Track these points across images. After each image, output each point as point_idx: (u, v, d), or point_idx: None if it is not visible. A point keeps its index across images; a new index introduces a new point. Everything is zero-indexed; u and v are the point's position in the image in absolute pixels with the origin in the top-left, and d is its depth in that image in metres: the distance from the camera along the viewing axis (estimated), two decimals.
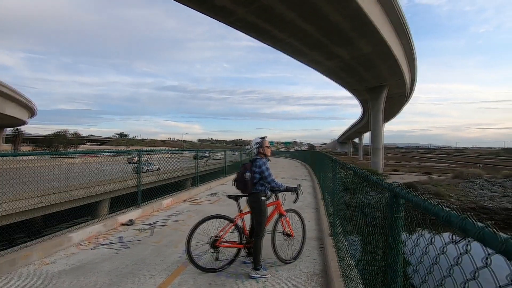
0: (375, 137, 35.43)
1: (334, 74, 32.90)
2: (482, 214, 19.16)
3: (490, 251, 0.64)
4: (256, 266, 3.39)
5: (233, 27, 21.59)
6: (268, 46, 25.22)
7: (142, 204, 6.36)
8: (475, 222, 0.71)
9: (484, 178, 26.23)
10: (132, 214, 5.85)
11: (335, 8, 18.05)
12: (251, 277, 3.36)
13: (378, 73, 30.54)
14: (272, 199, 3.87)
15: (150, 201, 6.74)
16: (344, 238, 3.52)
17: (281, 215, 3.89)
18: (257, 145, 3.63)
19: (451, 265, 0.80)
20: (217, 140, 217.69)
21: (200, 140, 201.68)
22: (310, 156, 22.39)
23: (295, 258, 3.92)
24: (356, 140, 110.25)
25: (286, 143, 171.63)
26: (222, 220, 3.68)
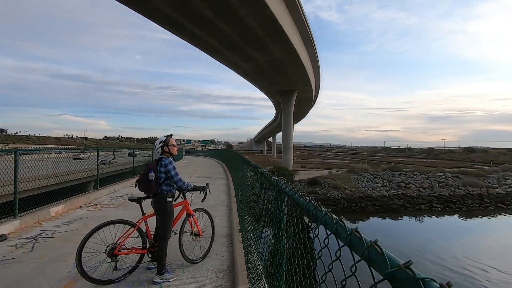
0: (286, 136, 38.50)
1: (250, 76, 34.21)
2: (367, 202, 23.12)
3: (329, 232, 0.77)
4: (161, 270, 3.24)
5: (147, 17, 20.04)
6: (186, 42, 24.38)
7: (21, 214, 5.27)
8: (322, 210, 0.84)
9: (369, 172, 31.61)
10: (5, 227, 4.78)
11: (251, 12, 18.78)
12: (155, 283, 3.18)
13: (289, 78, 33.26)
14: (180, 199, 3.77)
15: (32, 210, 5.64)
16: (251, 232, 3.70)
17: (189, 215, 3.81)
18: (162, 144, 3.47)
19: (303, 248, 0.93)
20: (127, 138, 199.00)
21: (106, 138, 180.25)
22: (226, 155, 22.73)
23: (203, 257, 3.91)
24: (271, 139, 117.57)
25: (204, 141, 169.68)
26: (123, 225, 3.37)
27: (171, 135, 3.57)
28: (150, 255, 3.49)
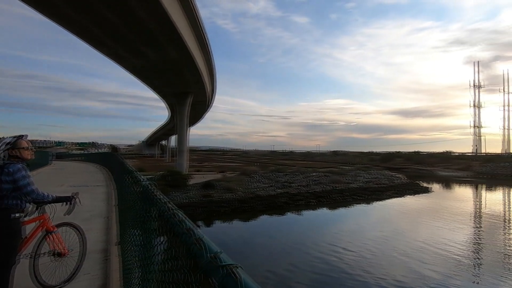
0: (181, 139, 37.45)
1: (141, 74, 31.65)
2: (257, 201, 24.94)
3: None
4: None
5: None
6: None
7: None
8: (177, 213, 0.87)
9: (259, 173, 34.22)
10: None
11: (143, 6, 17.44)
12: None
13: (185, 81, 32.54)
14: (35, 214, 3.10)
15: None
16: (131, 243, 3.40)
17: (48, 232, 3.18)
18: (8, 147, 2.78)
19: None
20: None
21: None
22: (110, 159, 20.19)
23: (68, 280, 3.33)
24: (164, 142, 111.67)
25: (82, 144, 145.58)
26: None
27: (22, 136, 2.91)
28: None
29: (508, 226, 19.09)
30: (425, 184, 37.96)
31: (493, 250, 13.91)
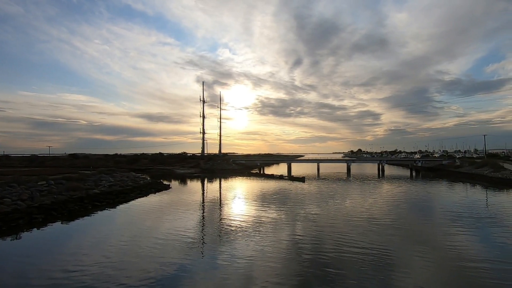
0: None
1: None
2: None
3: None
4: None
5: None
6: None
7: None
8: None
9: None
10: None
11: None
12: None
13: None
14: None
15: None
16: None
17: None
18: None
19: None
20: None
21: None
22: None
23: None
24: None
25: None
26: None
27: None
28: None
29: (221, 207, 25.96)
30: (166, 182, 42.50)
31: (213, 227, 18.29)
